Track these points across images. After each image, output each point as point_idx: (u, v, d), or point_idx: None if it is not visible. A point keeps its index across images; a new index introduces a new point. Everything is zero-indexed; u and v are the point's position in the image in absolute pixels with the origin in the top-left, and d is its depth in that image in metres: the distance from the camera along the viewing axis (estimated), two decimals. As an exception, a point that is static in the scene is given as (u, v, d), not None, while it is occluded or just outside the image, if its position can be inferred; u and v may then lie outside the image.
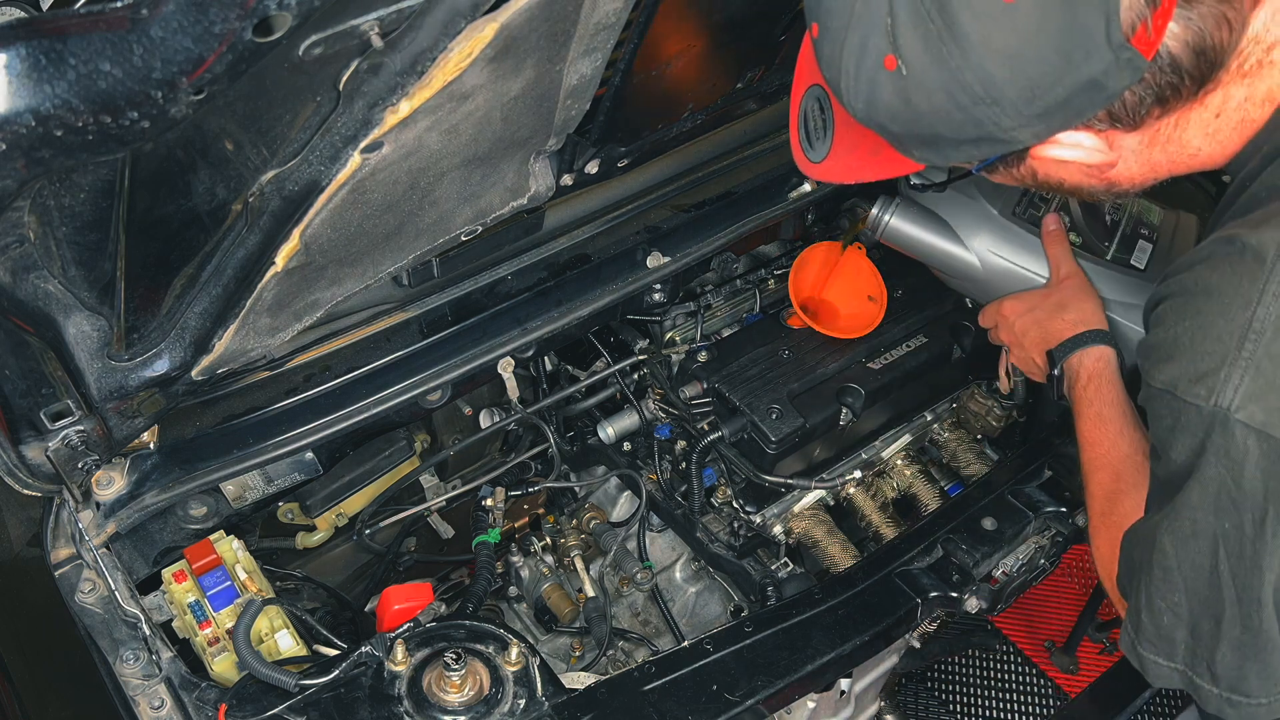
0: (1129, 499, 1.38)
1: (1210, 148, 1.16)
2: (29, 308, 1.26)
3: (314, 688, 1.36)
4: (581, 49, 1.28)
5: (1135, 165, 1.18)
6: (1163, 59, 1.02)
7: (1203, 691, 1.19)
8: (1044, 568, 1.83)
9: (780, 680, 1.50)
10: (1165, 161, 1.18)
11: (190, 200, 1.18)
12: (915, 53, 1.02)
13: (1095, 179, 1.21)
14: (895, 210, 1.82)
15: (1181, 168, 1.19)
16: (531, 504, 2.06)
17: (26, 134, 0.90)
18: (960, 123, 1.05)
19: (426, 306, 1.74)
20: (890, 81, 1.05)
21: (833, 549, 1.84)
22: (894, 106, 1.07)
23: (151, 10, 0.89)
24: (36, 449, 1.38)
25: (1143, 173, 1.20)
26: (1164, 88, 1.06)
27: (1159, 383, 1.13)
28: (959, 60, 1.00)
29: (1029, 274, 1.72)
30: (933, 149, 1.13)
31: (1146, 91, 1.06)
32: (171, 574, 1.55)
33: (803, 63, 1.32)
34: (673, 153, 1.93)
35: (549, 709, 1.38)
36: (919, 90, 1.04)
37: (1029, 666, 2.81)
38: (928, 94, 1.04)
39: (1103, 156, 1.14)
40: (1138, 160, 1.17)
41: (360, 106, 1.09)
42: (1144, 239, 1.72)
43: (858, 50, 1.05)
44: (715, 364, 1.86)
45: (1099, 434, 1.50)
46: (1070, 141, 1.11)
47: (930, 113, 1.05)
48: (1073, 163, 1.16)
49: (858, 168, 1.27)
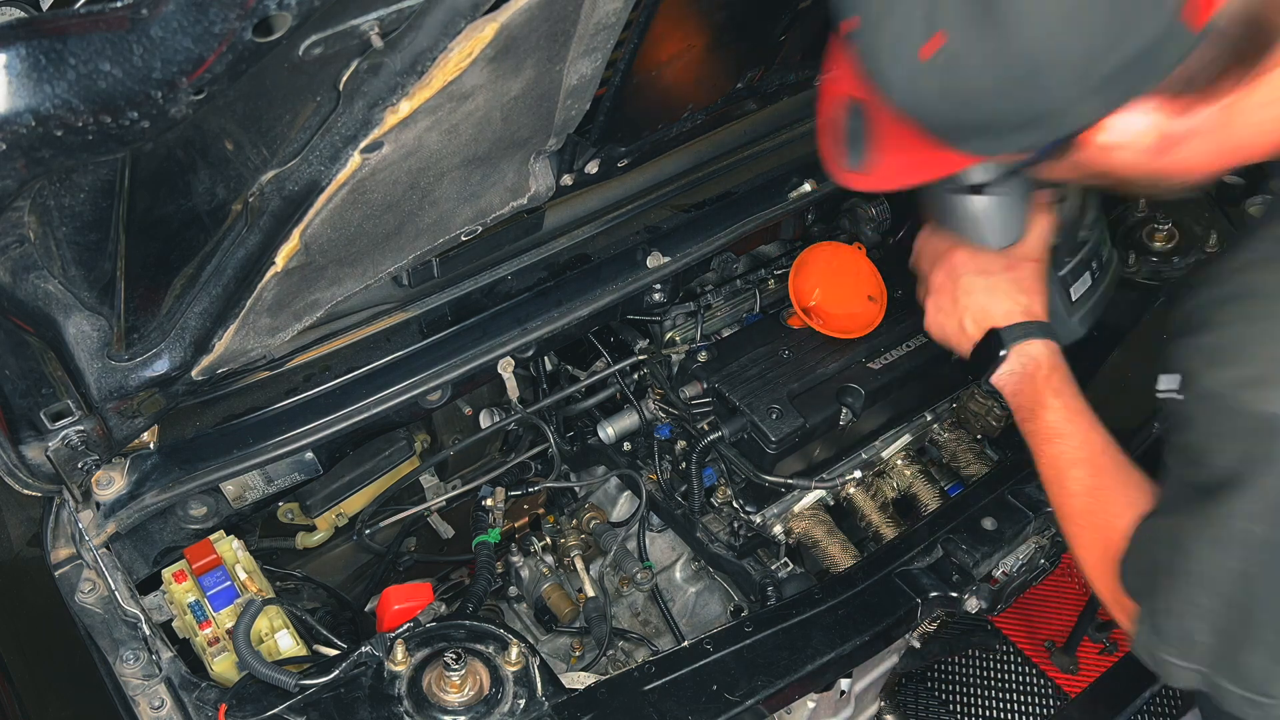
0: (1117, 496, 1.35)
1: (1260, 138, 1.11)
2: (29, 308, 1.26)
3: (314, 688, 1.36)
4: (581, 49, 1.28)
5: (1186, 153, 1.12)
6: (1218, 29, 0.98)
7: (1224, 691, 1.18)
8: (1044, 568, 1.83)
9: (780, 680, 1.50)
10: (1216, 151, 1.12)
11: (190, 200, 1.18)
12: (958, 31, 0.98)
13: (1147, 168, 1.15)
14: None
15: (1229, 159, 1.14)
16: (531, 504, 2.06)
17: (26, 134, 0.90)
18: (1009, 106, 1.02)
19: (426, 306, 1.74)
20: (934, 66, 1.01)
21: (833, 549, 1.84)
22: (939, 93, 1.03)
23: (151, 10, 0.89)
24: (36, 449, 1.39)
25: (1192, 161, 1.14)
26: (1218, 61, 1.01)
27: (1208, 384, 1.09)
28: (1005, 35, 0.96)
29: None
30: (984, 138, 1.08)
31: (1201, 66, 1.01)
32: (171, 574, 1.55)
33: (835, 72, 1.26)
34: (673, 153, 1.93)
35: (549, 709, 1.38)
36: (964, 72, 1.00)
37: (1029, 666, 2.81)
38: (974, 75, 1.00)
39: (1156, 139, 1.09)
40: (1187, 149, 1.11)
41: (360, 106, 1.09)
42: (1091, 273, 1.66)
43: (897, 36, 1.02)
44: (715, 364, 1.86)
45: (1072, 427, 1.44)
46: (1123, 125, 1.07)
47: (978, 96, 1.02)
48: (1125, 148, 1.11)
49: (904, 171, 1.22)
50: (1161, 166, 1.14)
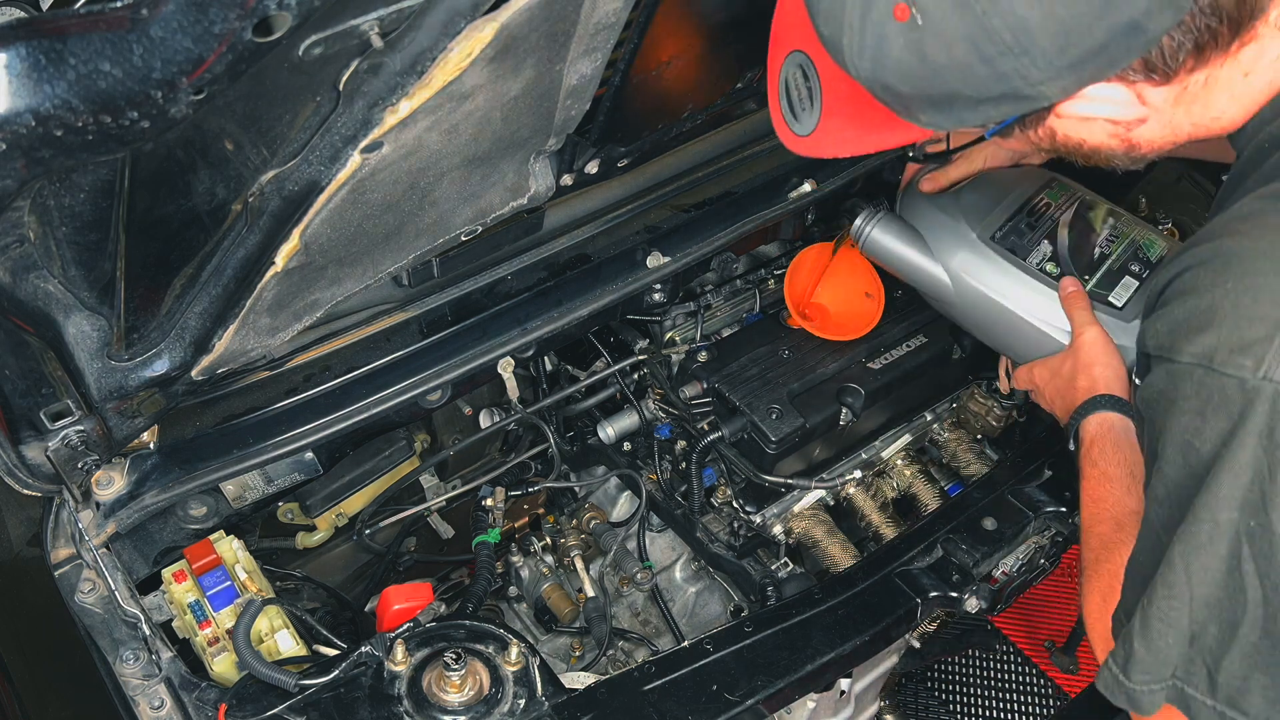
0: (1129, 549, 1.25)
1: (1233, 111, 1.08)
2: (29, 308, 1.26)
3: (314, 688, 1.36)
4: (581, 49, 1.28)
5: (1158, 126, 1.09)
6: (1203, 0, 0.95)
7: (1195, 704, 1.06)
8: (1044, 568, 1.84)
9: (780, 680, 1.50)
10: (1188, 124, 1.09)
11: (190, 200, 1.18)
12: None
13: (1119, 140, 1.12)
14: (878, 223, 1.81)
15: (1202, 132, 1.11)
16: (531, 504, 2.06)
17: (26, 134, 0.90)
18: (983, 78, 0.97)
19: (426, 306, 1.74)
20: (902, 33, 0.96)
21: (833, 549, 1.84)
22: (906, 63, 0.98)
23: (151, 10, 0.89)
24: (36, 449, 1.39)
25: (1164, 135, 1.11)
26: (1202, 32, 0.98)
27: (1188, 357, 1.01)
28: (986, 4, 0.92)
29: (998, 300, 1.68)
30: (945, 111, 1.03)
31: (1185, 36, 0.98)
32: (171, 574, 1.55)
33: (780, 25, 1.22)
34: (673, 153, 1.93)
35: (549, 709, 1.38)
36: (936, 41, 0.95)
37: (1029, 666, 2.81)
38: (947, 45, 0.95)
39: (1133, 112, 1.06)
40: (1161, 120, 1.09)
41: (360, 106, 1.09)
42: (1131, 275, 1.67)
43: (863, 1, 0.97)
44: (715, 364, 1.86)
45: (1102, 491, 1.41)
46: (1100, 96, 1.03)
47: (948, 67, 0.97)
48: (1098, 121, 1.08)
49: (853, 139, 1.17)
50: (1133, 139, 1.12)
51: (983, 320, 1.73)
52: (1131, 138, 1.12)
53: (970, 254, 1.72)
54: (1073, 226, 1.73)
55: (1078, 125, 1.10)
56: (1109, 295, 1.65)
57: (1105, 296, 1.65)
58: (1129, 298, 1.65)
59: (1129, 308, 1.64)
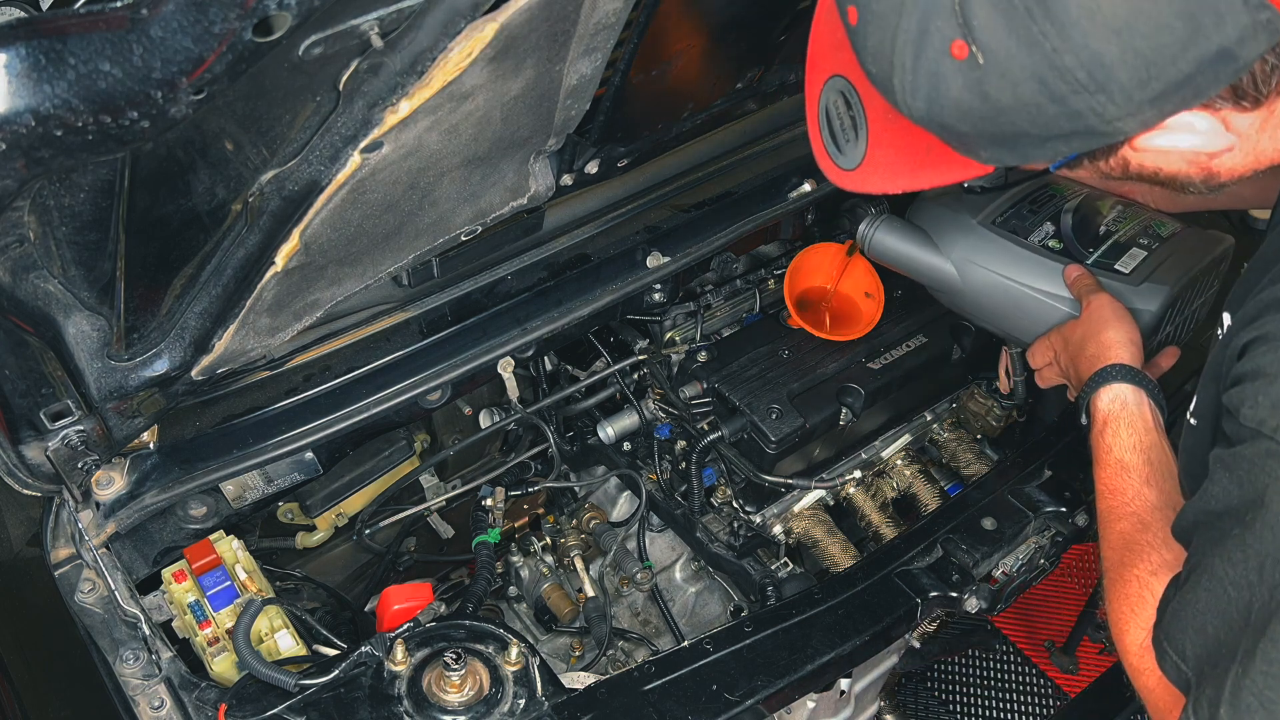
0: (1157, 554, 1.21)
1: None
2: (29, 308, 1.26)
3: (314, 688, 1.36)
4: (581, 49, 1.28)
5: (1242, 153, 1.02)
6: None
7: None
8: (1044, 568, 1.83)
9: (780, 680, 1.50)
10: (1272, 148, 1.01)
11: (190, 200, 1.19)
12: (995, 35, 0.87)
13: (1198, 168, 1.04)
14: (880, 225, 1.81)
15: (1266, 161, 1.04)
16: (531, 504, 2.06)
17: (26, 134, 0.90)
18: (1052, 116, 0.90)
19: (426, 306, 1.74)
20: (960, 72, 0.90)
21: (833, 549, 1.84)
22: (965, 102, 0.91)
23: (151, 10, 0.89)
24: (36, 449, 1.39)
25: (1246, 161, 1.03)
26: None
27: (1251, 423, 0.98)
28: (1056, 40, 0.85)
29: (1003, 279, 1.68)
30: (1009, 148, 0.97)
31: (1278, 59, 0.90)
32: (171, 574, 1.55)
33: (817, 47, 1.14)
34: (673, 153, 1.93)
35: (549, 709, 1.38)
36: (1000, 81, 0.89)
37: (1029, 666, 2.81)
38: (1012, 85, 0.89)
39: (1220, 142, 0.98)
40: (1245, 148, 1.01)
41: (360, 106, 1.09)
42: (1140, 248, 1.67)
43: (915, 38, 0.90)
44: (715, 364, 1.86)
45: (1120, 482, 1.34)
46: (1182, 126, 0.95)
47: (1014, 107, 0.90)
48: (1176, 151, 1.00)
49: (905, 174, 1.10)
50: (1214, 167, 1.04)
51: (992, 304, 1.73)
52: (1213, 165, 1.04)
53: (973, 239, 1.72)
54: (1078, 210, 1.74)
55: (1157, 156, 1.02)
56: (1115, 264, 1.64)
57: (1111, 265, 1.64)
58: (1136, 265, 1.64)
59: (1136, 273, 1.63)
